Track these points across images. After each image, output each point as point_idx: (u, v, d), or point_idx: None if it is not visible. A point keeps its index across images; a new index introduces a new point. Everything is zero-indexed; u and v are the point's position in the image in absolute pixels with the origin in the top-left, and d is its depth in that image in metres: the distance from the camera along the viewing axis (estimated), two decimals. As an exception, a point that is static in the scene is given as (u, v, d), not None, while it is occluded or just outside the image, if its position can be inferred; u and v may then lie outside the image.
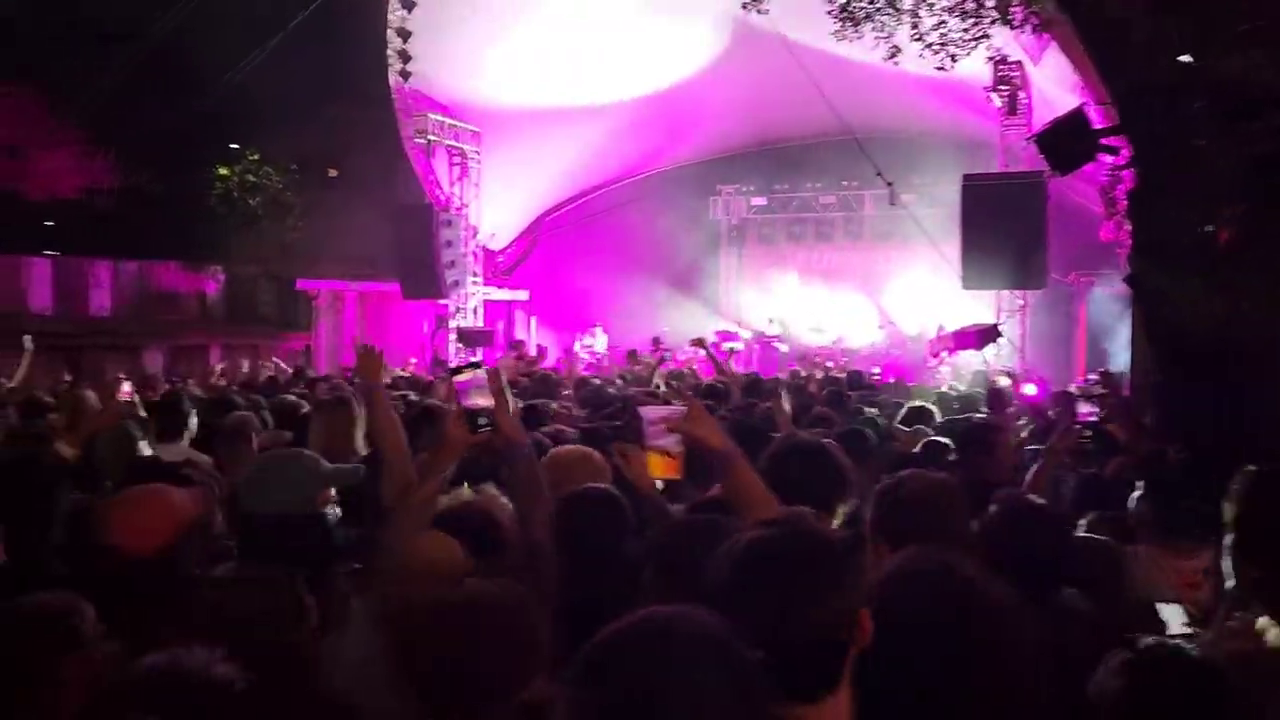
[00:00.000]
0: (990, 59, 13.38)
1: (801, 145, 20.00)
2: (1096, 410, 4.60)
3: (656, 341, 14.14)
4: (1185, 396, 4.87)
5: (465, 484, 2.93)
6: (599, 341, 19.77)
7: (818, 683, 1.57)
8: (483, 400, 2.59)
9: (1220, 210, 5.09)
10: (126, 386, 4.90)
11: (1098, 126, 5.81)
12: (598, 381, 9.76)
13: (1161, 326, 5.30)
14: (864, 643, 1.59)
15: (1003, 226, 13.30)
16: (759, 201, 21.51)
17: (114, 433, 4.30)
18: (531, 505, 2.62)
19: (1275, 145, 4.78)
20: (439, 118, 18.26)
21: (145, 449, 4.39)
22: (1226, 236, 5.02)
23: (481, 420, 2.58)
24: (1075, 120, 5.83)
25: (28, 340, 7.81)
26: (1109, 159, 5.96)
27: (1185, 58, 4.59)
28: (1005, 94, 13.99)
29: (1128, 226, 6.65)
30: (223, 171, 23.08)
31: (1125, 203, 6.48)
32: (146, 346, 18.22)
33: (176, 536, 2.52)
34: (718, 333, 18.64)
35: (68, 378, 10.49)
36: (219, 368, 11.33)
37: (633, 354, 14.63)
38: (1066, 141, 5.88)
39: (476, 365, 2.68)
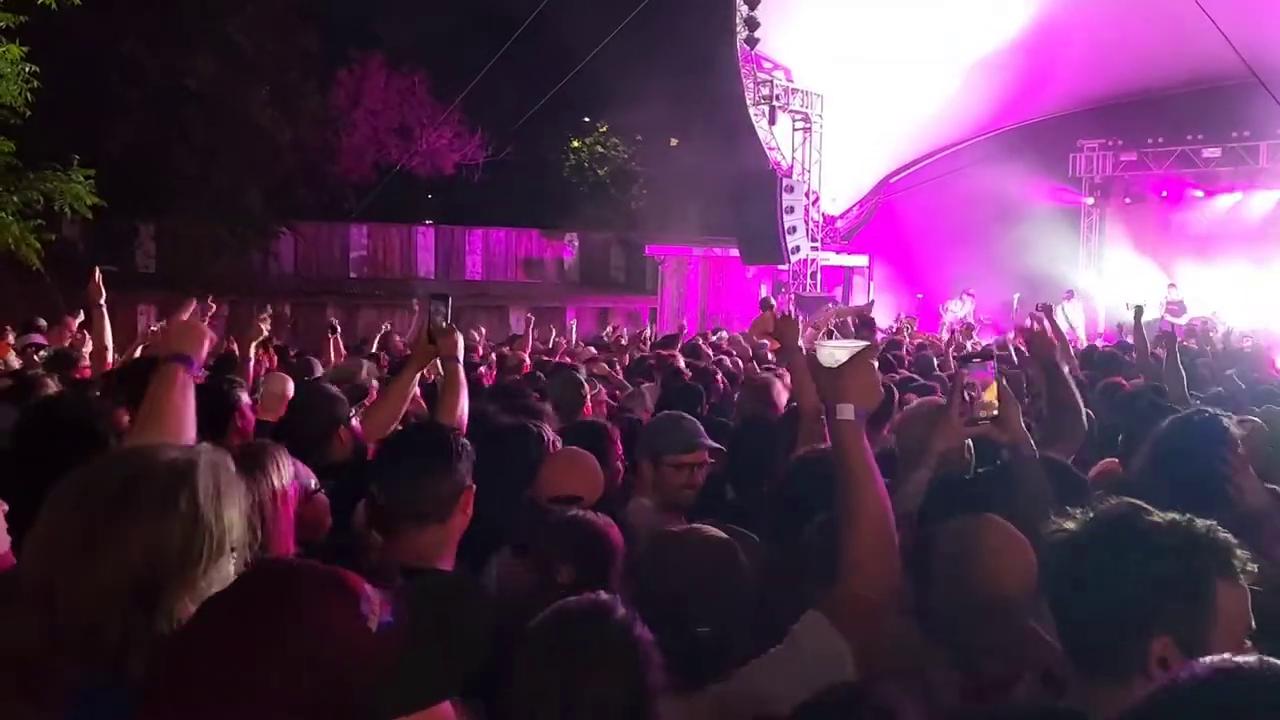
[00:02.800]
0: None
1: (1180, 93, 18.02)
2: None
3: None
4: None
5: None
6: (962, 308, 18.74)
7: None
8: (988, 374, 2.51)
9: None
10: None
11: None
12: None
13: None
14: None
15: None
16: (1128, 156, 19.59)
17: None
18: (1040, 507, 2.28)
19: None
20: (783, 82, 18.30)
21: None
22: None
23: (983, 414, 2.49)
24: None
25: (416, 303, 8.99)
26: None
27: None
28: None
29: None
30: (575, 144, 24.60)
31: None
32: (512, 307, 19.91)
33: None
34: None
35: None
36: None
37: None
38: None
39: (989, 356, 2.64)
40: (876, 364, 2.01)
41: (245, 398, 3.63)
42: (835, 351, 2.01)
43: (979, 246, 19.01)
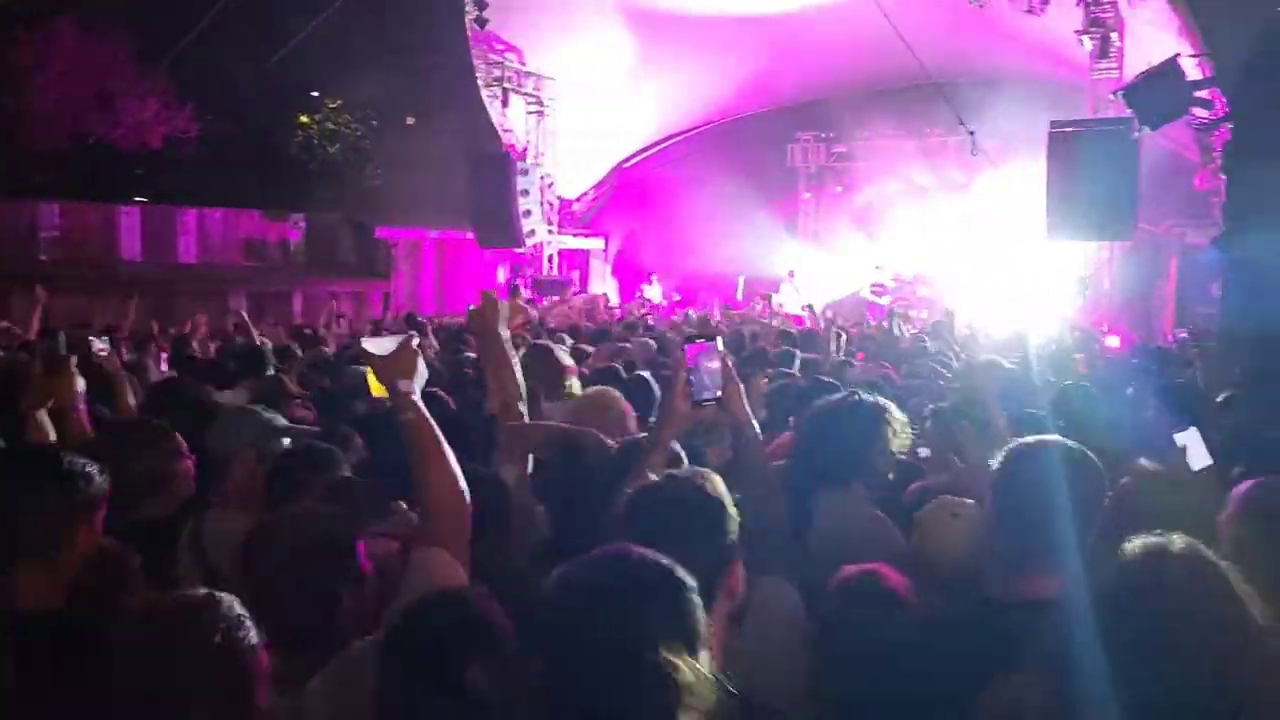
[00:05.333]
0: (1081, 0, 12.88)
1: (884, 92, 19.45)
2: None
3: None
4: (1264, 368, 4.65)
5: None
6: (650, 291, 19.74)
7: None
8: (711, 357, 2.52)
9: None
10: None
11: (1192, 79, 5.49)
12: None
13: (1252, 289, 5.06)
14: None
15: (1090, 175, 12.77)
16: (839, 149, 21.04)
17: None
18: (761, 491, 2.52)
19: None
20: (514, 64, 18.19)
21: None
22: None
23: (706, 396, 2.51)
24: (1166, 73, 5.51)
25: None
26: (1202, 114, 5.64)
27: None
28: (1097, 37, 13.36)
29: (1224, 176, 6.33)
30: (303, 120, 23.37)
31: (1221, 151, 6.16)
32: (232, 292, 18.69)
33: None
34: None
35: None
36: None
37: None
38: (1156, 95, 5.58)
39: (713, 336, 2.62)
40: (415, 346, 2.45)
41: None
42: (384, 343, 2.42)
43: (708, 230, 19.84)
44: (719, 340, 2.59)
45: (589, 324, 11.94)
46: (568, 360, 4.92)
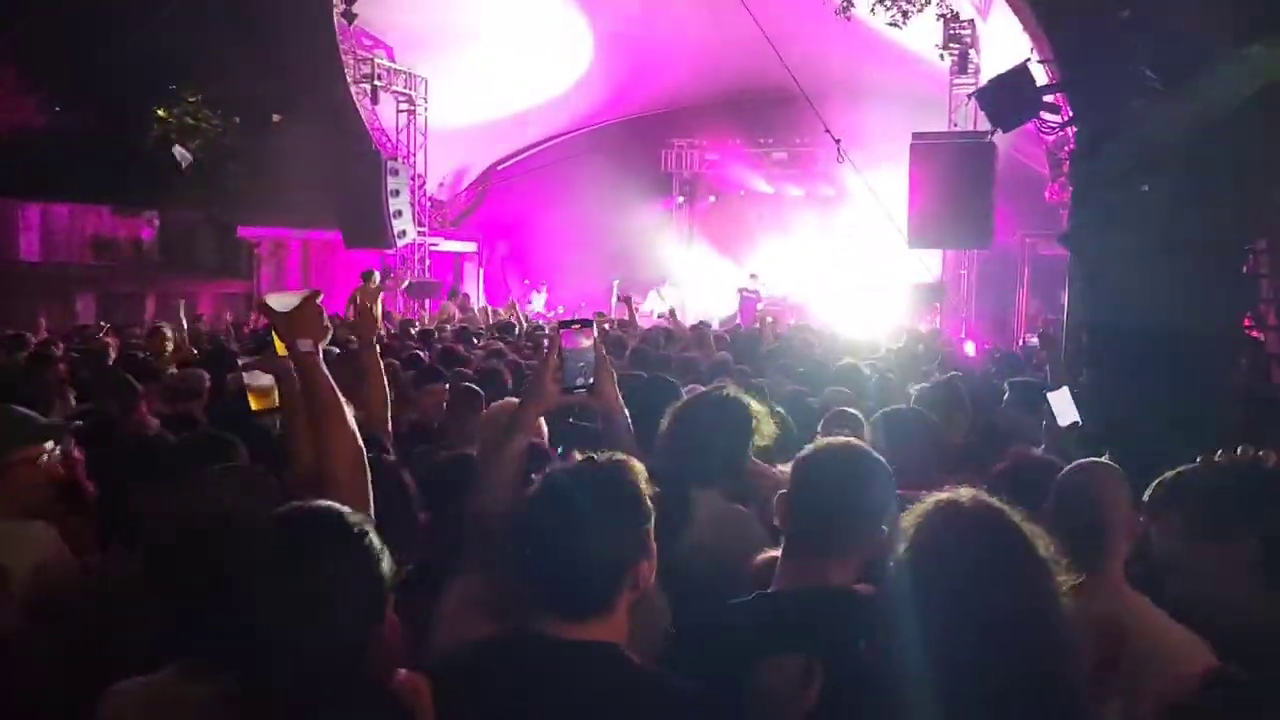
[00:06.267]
0: (941, 16, 13.37)
1: (755, 100, 19.80)
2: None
3: None
4: (1113, 363, 4.87)
5: None
6: (538, 300, 19.70)
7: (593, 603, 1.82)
8: (585, 342, 2.49)
9: (1158, 171, 5.05)
10: None
11: (1040, 84, 5.73)
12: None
13: (1094, 286, 5.29)
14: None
15: (950, 186, 13.24)
16: (711, 156, 21.31)
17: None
18: None
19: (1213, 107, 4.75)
20: (385, 61, 17.79)
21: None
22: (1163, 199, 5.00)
23: (579, 381, 2.48)
24: (1017, 77, 5.75)
25: None
26: (1051, 118, 5.89)
27: (1125, 13, 4.52)
28: (955, 52, 13.90)
29: (1071, 188, 6.62)
30: (160, 113, 22.32)
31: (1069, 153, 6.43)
32: (79, 293, 17.70)
33: None
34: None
35: None
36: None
37: None
38: (1007, 98, 5.81)
39: (588, 323, 2.56)
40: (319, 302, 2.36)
41: None
42: (287, 298, 2.32)
43: (584, 234, 19.80)
44: (594, 325, 2.58)
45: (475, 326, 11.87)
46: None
